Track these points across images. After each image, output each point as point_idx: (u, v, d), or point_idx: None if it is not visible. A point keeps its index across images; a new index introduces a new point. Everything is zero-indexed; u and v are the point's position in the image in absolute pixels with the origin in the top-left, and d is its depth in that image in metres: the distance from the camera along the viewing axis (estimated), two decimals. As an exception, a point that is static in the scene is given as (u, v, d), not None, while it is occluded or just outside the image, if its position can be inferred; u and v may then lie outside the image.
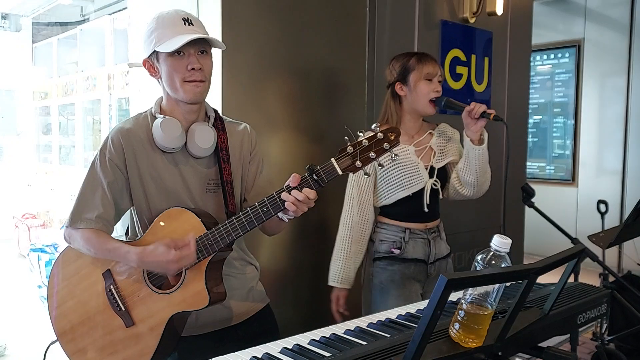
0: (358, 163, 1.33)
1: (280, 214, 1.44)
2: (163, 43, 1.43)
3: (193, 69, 1.44)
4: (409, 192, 2.05)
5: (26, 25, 7.87)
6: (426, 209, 2.07)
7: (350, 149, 1.33)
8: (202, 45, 1.46)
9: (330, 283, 2.13)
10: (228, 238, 1.41)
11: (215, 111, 1.61)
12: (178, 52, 1.44)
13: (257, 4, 2.38)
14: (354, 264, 2.12)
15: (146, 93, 2.69)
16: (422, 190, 2.06)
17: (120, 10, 5.94)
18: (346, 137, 1.34)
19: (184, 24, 1.44)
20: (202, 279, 1.43)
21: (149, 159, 1.51)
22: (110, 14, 6.13)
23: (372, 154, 1.33)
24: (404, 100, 2.09)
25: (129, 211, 1.61)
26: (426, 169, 2.07)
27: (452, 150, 2.15)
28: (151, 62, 1.50)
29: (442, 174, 2.12)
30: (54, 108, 7.22)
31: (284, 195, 1.36)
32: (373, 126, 1.35)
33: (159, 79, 1.52)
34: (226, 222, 1.42)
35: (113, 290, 1.50)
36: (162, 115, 1.51)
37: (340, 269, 2.10)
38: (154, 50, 1.46)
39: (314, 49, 2.59)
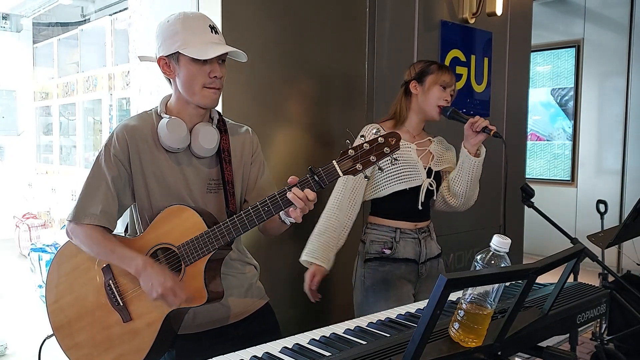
0: (359, 166, 1.35)
1: (282, 216, 1.46)
2: (190, 48, 1.45)
3: (215, 77, 1.48)
4: (406, 186, 2.08)
5: (27, 25, 7.88)
6: (420, 207, 2.10)
7: (351, 152, 1.35)
8: (224, 54, 1.49)
9: (306, 258, 2.04)
10: (229, 236, 1.43)
11: (219, 113, 1.63)
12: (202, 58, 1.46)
13: (257, 4, 2.39)
14: (336, 244, 2.07)
15: (146, 93, 2.70)
16: (418, 188, 2.09)
17: (121, 11, 5.95)
18: (347, 140, 1.37)
19: (211, 32, 1.48)
20: (201, 276, 1.44)
21: (152, 157, 1.53)
22: (110, 15, 6.14)
23: (372, 158, 1.35)
24: (414, 99, 2.14)
25: (128, 209, 1.62)
26: (424, 168, 2.11)
27: (449, 159, 2.21)
28: (167, 61, 1.51)
29: (437, 179, 2.16)
30: (54, 108, 7.23)
31: (289, 193, 1.37)
32: (374, 131, 1.37)
33: (172, 79, 1.53)
34: (227, 220, 1.43)
35: (112, 285, 1.51)
36: (167, 115, 1.53)
37: (323, 244, 2.03)
38: (176, 52, 1.47)
39: (314, 49, 2.60)
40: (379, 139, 1.35)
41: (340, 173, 1.36)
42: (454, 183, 2.13)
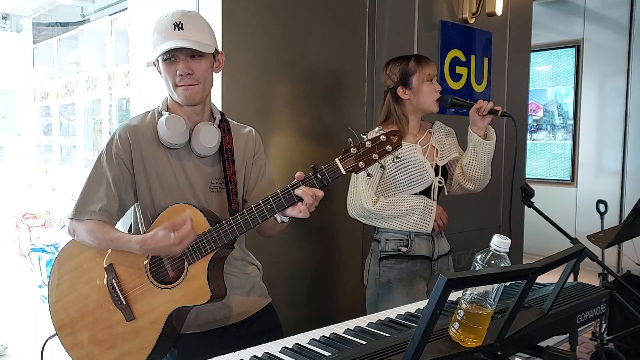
0: (361, 164, 1.35)
1: (280, 217, 1.46)
2: (155, 49, 1.49)
3: (181, 74, 1.48)
4: (416, 190, 2.09)
5: (27, 25, 7.87)
6: None
7: (353, 150, 1.36)
8: (193, 49, 1.47)
9: (429, 224, 2.07)
10: (232, 234, 1.43)
11: (222, 113, 1.64)
12: (169, 57, 1.47)
13: (257, 4, 2.39)
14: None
15: (146, 93, 2.70)
16: (428, 188, 2.10)
17: (120, 11, 5.94)
18: (350, 139, 1.37)
19: (174, 29, 1.47)
20: (204, 275, 1.45)
21: (154, 156, 1.54)
22: (110, 15, 6.13)
23: (375, 156, 1.35)
24: (407, 103, 2.13)
25: (130, 210, 1.63)
26: (432, 167, 2.11)
27: (453, 147, 2.20)
28: (156, 64, 1.54)
29: (444, 172, 2.17)
30: (54, 108, 7.22)
31: (298, 189, 1.37)
32: (377, 129, 1.37)
33: None
34: (230, 218, 1.44)
35: (115, 284, 1.51)
36: (167, 113, 1.55)
37: (414, 202, 2.06)
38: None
39: (313, 50, 2.60)
40: (382, 136, 1.35)
41: (343, 171, 1.36)
42: (469, 168, 2.11)
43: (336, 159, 1.37)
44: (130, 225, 1.68)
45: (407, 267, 2.11)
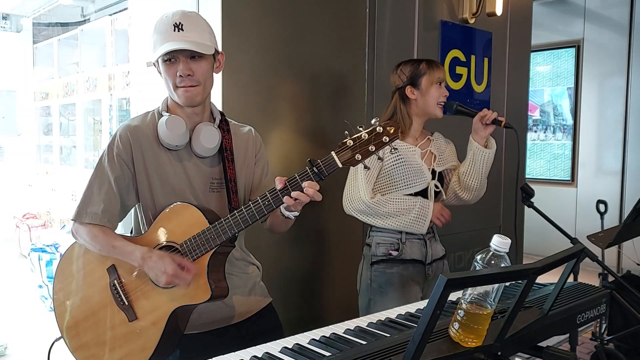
0: (358, 156, 1.35)
1: (286, 213, 1.46)
2: (155, 50, 1.49)
3: (181, 75, 1.48)
4: (412, 190, 2.08)
5: (27, 25, 7.87)
6: None
7: (350, 142, 1.35)
8: (193, 50, 1.47)
9: (424, 224, 2.06)
10: (230, 231, 1.44)
11: (222, 113, 1.64)
12: (169, 58, 1.47)
13: (257, 4, 2.39)
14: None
15: (146, 93, 2.70)
16: (424, 191, 2.10)
17: (121, 11, 5.95)
18: (346, 132, 1.36)
19: (174, 30, 1.47)
20: (204, 273, 1.45)
21: (155, 156, 1.54)
22: (111, 15, 6.14)
23: (371, 147, 1.34)
24: (413, 104, 2.13)
25: (132, 210, 1.63)
26: (429, 170, 2.11)
27: (451, 155, 2.20)
28: (156, 65, 1.54)
29: (440, 179, 2.17)
30: (54, 108, 7.22)
31: (287, 198, 1.38)
32: (373, 121, 1.36)
33: None
34: (228, 216, 1.44)
35: (117, 285, 1.52)
36: (168, 114, 1.55)
37: (408, 201, 2.05)
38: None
39: (314, 50, 2.60)
40: (377, 128, 1.34)
41: (340, 164, 1.36)
42: (466, 177, 2.11)
43: (332, 152, 1.36)
44: (132, 226, 1.68)
45: (399, 272, 2.09)
